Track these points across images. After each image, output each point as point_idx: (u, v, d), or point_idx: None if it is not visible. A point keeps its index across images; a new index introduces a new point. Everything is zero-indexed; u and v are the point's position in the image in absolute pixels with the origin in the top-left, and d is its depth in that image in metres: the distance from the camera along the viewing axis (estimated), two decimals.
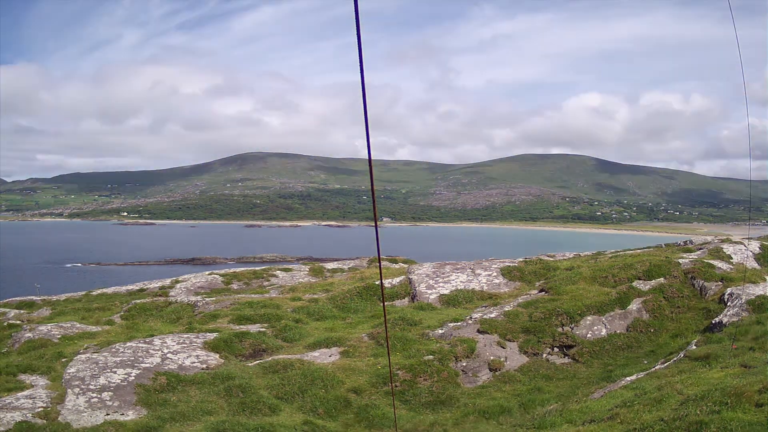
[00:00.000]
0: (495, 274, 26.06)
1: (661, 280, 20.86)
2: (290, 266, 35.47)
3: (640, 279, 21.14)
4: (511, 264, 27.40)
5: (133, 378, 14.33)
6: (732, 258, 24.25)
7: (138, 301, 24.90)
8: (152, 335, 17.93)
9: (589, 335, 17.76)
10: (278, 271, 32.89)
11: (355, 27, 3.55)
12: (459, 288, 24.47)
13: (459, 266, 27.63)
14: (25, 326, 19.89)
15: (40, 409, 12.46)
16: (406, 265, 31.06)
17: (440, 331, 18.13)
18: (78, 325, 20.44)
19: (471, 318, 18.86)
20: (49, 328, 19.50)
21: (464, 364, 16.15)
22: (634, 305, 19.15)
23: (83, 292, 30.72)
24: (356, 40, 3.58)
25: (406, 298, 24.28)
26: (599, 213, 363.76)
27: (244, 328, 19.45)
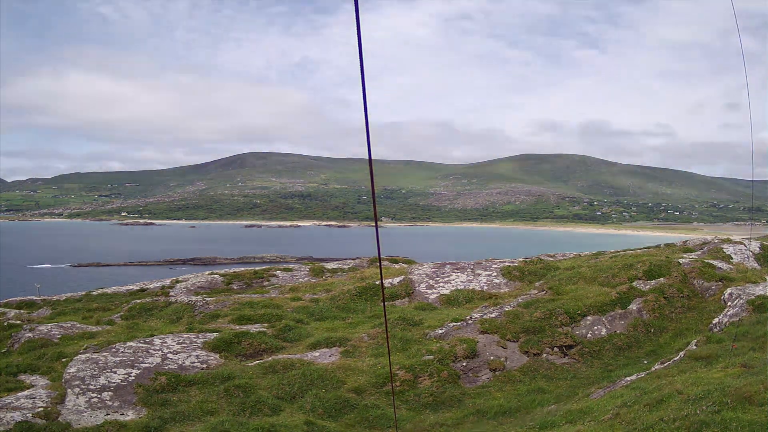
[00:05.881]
0: (495, 274, 26.07)
1: (662, 280, 20.86)
2: (290, 266, 35.45)
3: (640, 279, 21.14)
4: (511, 264, 27.41)
5: (133, 378, 14.33)
6: (732, 258, 24.26)
7: (138, 301, 24.91)
8: (152, 335, 17.92)
9: (589, 335, 17.76)
10: (278, 271, 32.89)
11: (355, 27, 3.55)
12: (459, 288, 24.48)
13: (459, 266, 27.63)
14: (25, 326, 19.89)
15: (40, 409, 12.46)
16: (406, 265, 31.05)
17: (440, 331, 18.12)
18: (78, 325, 20.44)
19: (471, 318, 18.85)
20: (49, 328, 19.50)
21: (465, 364, 16.14)
22: (634, 305, 19.14)
23: (83, 292, 30.74)
24: (356, 40, 3.58)
25: (407, 298, 24.28)
26: (599, 213, 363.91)
27: (244, 328, 19.44)
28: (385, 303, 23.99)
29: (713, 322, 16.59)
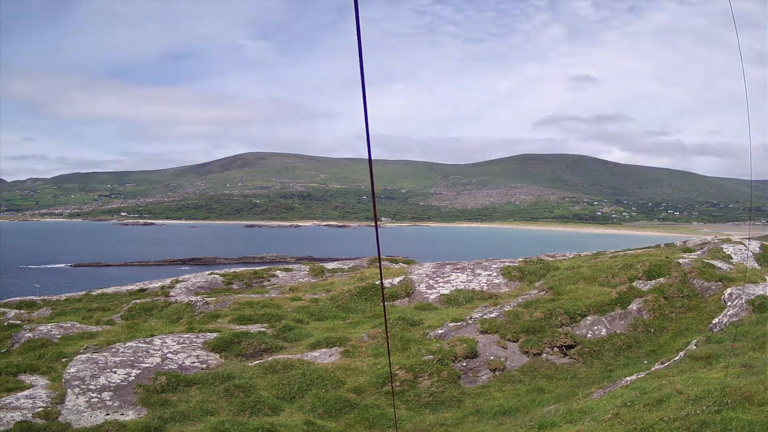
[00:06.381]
0: (495, 274, 26.07)
1: (662, 280, 20.87)
2: (290, 266, 35.46)
3: (640, 279, 21.15)
4: (511, 264, 27.42)
5: (133, 378, 14.34)
6: (732, 258, 24.28)
7: (138, 301, 24.92)
8: (152, 335, 17.94)
9: (589, 335, 17.77)
10: (278, 271, 32.89)
11: (355, 28, 3.55)
12: (459, 288, 24.48)
13: (459, 266, 27.64)
14: (25, 326, 19.90)
15: (40, 409, 12.47)
16: (406, 265, 31.06)
17: (440, 331, 18.13)
18: (78, 325, 20.45)
19: (471, 318, 18.86)
20: (49, 328, 19.51)
21: (464, 364, 16.15)
22: (634, 305, 19.15)
23: (83, 292, 30.74)
24: (356, 40, 3.58)
25: (407, 298, 24.29)
26: (599, 213, 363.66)
27: (244, 328, 19.45)
28: (385, 303, 24.00)
29: (713, 322, 16.60)
